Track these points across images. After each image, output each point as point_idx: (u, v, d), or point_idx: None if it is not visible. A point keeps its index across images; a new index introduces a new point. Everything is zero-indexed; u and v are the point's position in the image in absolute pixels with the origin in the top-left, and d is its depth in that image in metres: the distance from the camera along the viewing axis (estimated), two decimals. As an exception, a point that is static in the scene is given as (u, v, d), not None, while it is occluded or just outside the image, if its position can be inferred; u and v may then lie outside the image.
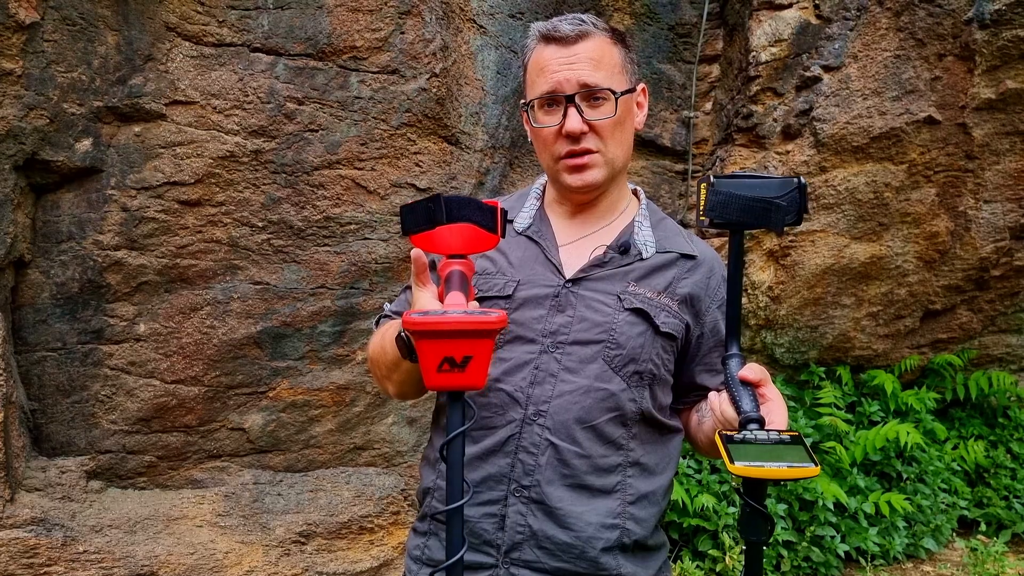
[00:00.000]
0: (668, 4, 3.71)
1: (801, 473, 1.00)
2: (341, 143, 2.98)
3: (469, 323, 0.92)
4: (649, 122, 3.81)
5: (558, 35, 1.30)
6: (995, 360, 4.43)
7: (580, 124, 1.29)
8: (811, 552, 3.65)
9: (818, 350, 4.10)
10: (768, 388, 1.16)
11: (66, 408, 2.94)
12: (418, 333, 0.93)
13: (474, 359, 0.94)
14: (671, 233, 1.43)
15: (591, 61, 1.29)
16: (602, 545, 1.26)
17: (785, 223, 1.14)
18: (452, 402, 1.00)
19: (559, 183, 1.38)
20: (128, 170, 2.82)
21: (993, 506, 4.22)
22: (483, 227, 1.11)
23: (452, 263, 1.12)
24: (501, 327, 0.94)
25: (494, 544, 1.27)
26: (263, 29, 2.85)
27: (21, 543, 2.70)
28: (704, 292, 1.37)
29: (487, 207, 1.12)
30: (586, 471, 1.27)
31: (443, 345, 0.93)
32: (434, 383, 0.95)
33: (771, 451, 1.03)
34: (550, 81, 1.30)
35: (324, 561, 3.15)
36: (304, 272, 3.07)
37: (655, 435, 1.34)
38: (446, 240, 1.10)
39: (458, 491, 0.99)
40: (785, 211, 1.13)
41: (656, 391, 1.32)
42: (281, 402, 3.19)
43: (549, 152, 1.35)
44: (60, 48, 2.64)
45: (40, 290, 2.84)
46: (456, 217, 1.09)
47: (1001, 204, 3.78)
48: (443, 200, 1.08)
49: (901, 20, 3.40)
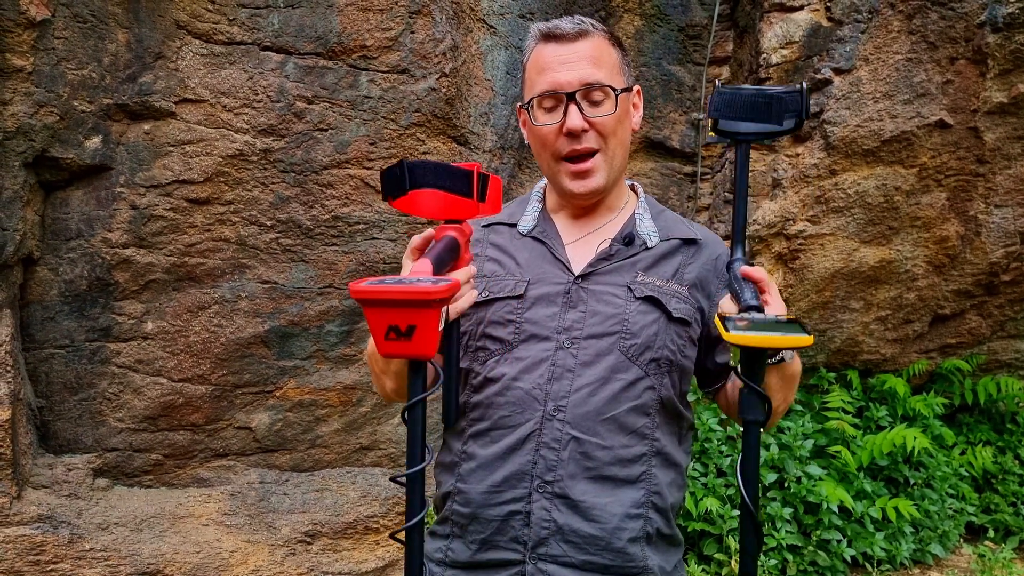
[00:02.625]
0: (678, 5, 3.69)
1: (795, 341, 1.04)
2: (350, 142, 2.98)
3: (405, 292, 0.90)
4: (658, 124, 3.80)
5: (558, 32, 1.31)
6: (1004, 365, 4.41)
7: (581, 121, 1.29)
8: (817, 556, 3.63)
9: (826, 354, 4.09)
10: (770, 290, 1.19)
11: (73, 406, 2.94)
12: (362, 301, 0.92)
13: (419, 329, 0.92)
14: (672, 222, 1.44)
15: (591, 59, 1.30)
16: (628, 536, 1.27)
17: (787, 121, 1.19)
18: (411, 370, 1.01)
19: (560, 187, 1.38)
20: (137, 168, 2.82)
21: (1001, 512, 4.20)
22: (454, 192, 1.10)
23: (446, 228, 1.13)
24: (442, 297, 0.93)
25: (520, 540, 1.27)
26: (273, 28, 2.84)
27: (28, 540, 2.70)
28: (712, 273, 1.39)
29: (458, 171, 1.11)
30: (609, 462, 1.28)
31: (386, 314, 0.92)
32: (384, 351, 0.95)
33: (767, 326, 1.07)
34: (550, 79, 1.30)
35: (329, 561, 3.14)
36: (312, 271, 3.07)
37: (675, 425, 1.36)
38: (424, 204, 1.10)
39: (418, 455, 1.01)
40: (787, 106, 1.19)
41: (676, 378, 1.33)
42: (288, 401, 3.18)
43: (549, 151, 1.35)
44: (70, 45, 2.64)
45: (48, 287, 2.84)
46: (420, 183, 1.08)
47: (1012, 209, 3.76)
48: (406, 166, 1.08)
49: (913, 23, 3.38)
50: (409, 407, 1.01)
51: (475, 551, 1.31)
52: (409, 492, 1.01)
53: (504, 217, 1.46)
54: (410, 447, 1.01)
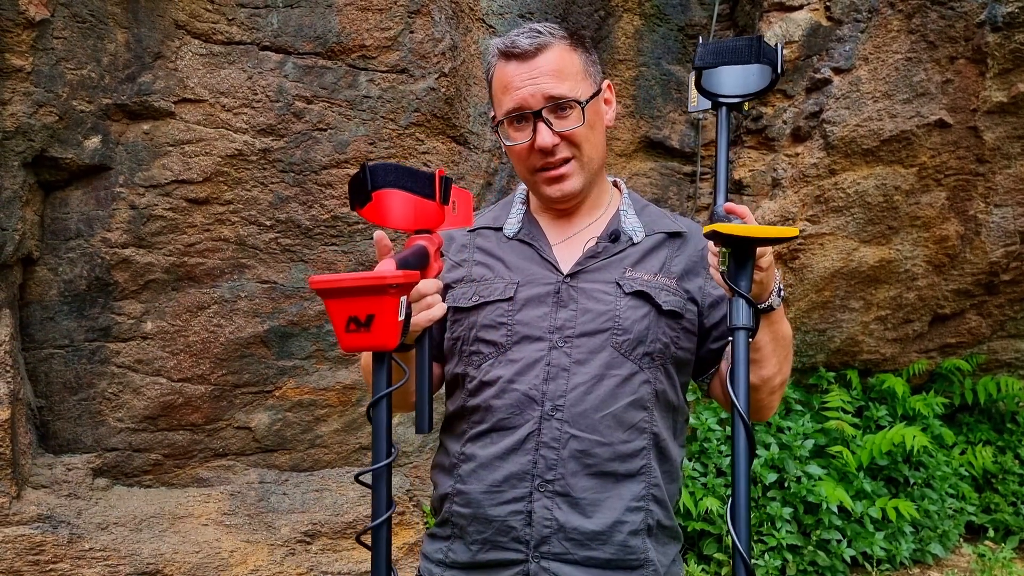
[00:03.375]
0: (678, 5, 3.69)
1: (780, 231, 1.05)
2: (349, 142, 2.98)
3: (362, 279, 0.91)
4: (658, 123, 3.79)
5: (517, 51, 1.31)
6: (1004, 365, 4.40)
7: (551, 138, 1.30)
8: (817, 556, 3.63)
9: (826, 353, 4.08)
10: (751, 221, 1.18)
11: (73, 405, 2.94)
12: (320, 291, 0.93)
13: (377, 317, 0.93)
14: (656, 216, 1.45)
15: (553, 73, 1.30)
16: (629, 529, 1.28)
17: (764, 59, 1.21)
18: (376, 364, 1.01)
19: (539, 195, 1.40)
20: (136, 168, 2.82)
21: (1001, 512, 4.20)
22: (416, 193, 1.11)
23: (416, 238, 1.14)
24: (398, 283, 0.94)
25: (522, 540, 1.28)
26: (272, 27, 2.84)
27: (27, 540, 2.70)
28: (699, 264, 1.39)
29: (421, 173, 1.12)
30: (609, 458, 1.28)
31: (345, 304, 0.93)
32: (346, 344, 0.95)
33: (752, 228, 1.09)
34: (515, 99, 1.31)
35: (329, 561, 3.14)
36: (311, 271, 3.07)
37: (671, 417, 1.37)
38: (388, 211, 1.10)
39: (383, 451, 1.00)
40: (765, 51, 1.21)
41: (671, 371, 1.34)
42: (287, 401, 3.18)
43: (524, 166, 1.37)
44: (70, 45, 2.64)
45: (48, 287, 2.84)
46: (382, 183, 1.09)
47: (1012, 208, 3.75)
48: (368, 168, 1.09)
49: (912, 22, 3.38)
50: (373, 403, 1.01)
51: (476, 552, 1.31)
52: (375, 490, 1.00)
53: (489, 221, 1.47)
54: (375, 443, 1.01)
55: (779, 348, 1.29)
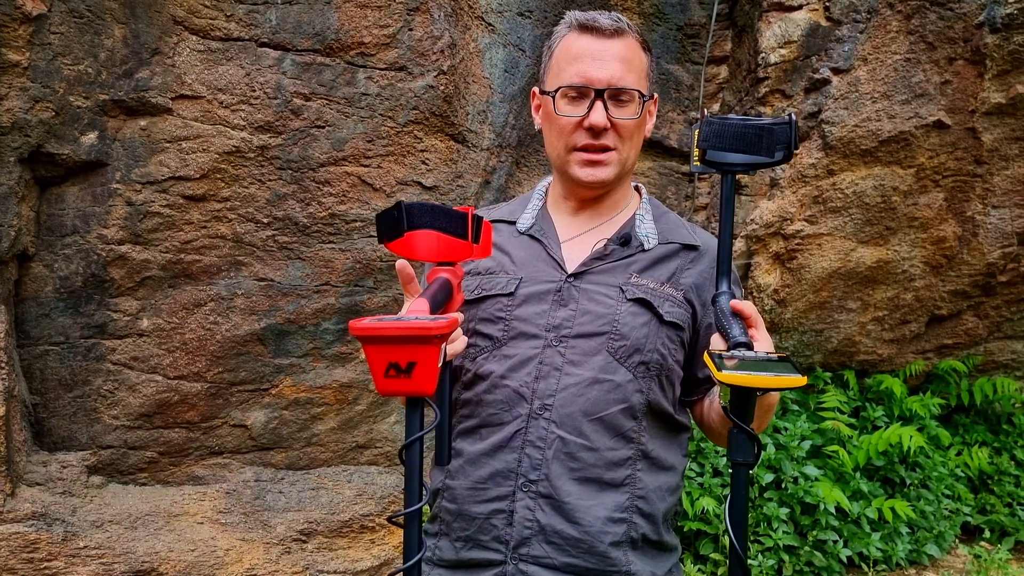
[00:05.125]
0: (677, 4, 3.69)
1: (788, 382, 1.00)
2: (347, 140, 2.97)
3: (407, 329, 0.91)
4: (656, 123, 3.77)
5: (595, 26, 1.31)
6: (1000, 366, 4.41)
7: (604, 119, 1.29)
8: (813, 557, 3.63)
9: (823, 354, 4.08)
10: (758, 326, 1.15)
11: (68, 403, 2.93)
12: (362, 339, 0.93)
13: (419, 365, 0.93)
14: (673, 225, 1.43)
15: (624, 60, 1.31)
16: (610, 540, 1.26)
17: (776, 152, 1.17)
18: (410, 407, 1.00)
19: (567, 175, 1.37)
20: (133, 164, 2.81)
21: (997, 513, 4.20)
22: (449, 233, 1.12)
23: (439, 270, 1.14)
24: (442, 333, 0.93)
25: (503, 540, 1.26)
26: (271, 24, 2.83)
27: (21, 537, 2.69)
28: (710, 282, 1.35)
29: (454, 213, 1.13)
30: (594, 464, 1.26)
31: (387, 351, 0.92)
32: (383, 389, 0.94)
33: (759, 365, 1.03)
34: (581, 72, 1.30)
35: (325, 559, 3.14)
36: (308, 269, 3.06)
37: (665, 429, 1.34)
38: (418, 246, 1.11)
39: (416, 493, 1.00)
40: (777, 138, 1.17)
41: (664, 382, 1.32)
42: (283, 399, 3.17)
43: (564, 141, 1.34)
44: (67, 40, 2.63)
45: (43, 284, 2.83)
46: (418, 224, 1.10)
47: (1009, 210, 3.76)
48: (404, 207, 1.10)
49: (911, 23, 3.38)
50: (407, 445, 1.00)
51: (459, 549, 1.30)
52: (407, 531, 1.00)
53: (505, 215, 1.46)
54: (408, 485, 1.00)
55: (764, 414, 1.27)
